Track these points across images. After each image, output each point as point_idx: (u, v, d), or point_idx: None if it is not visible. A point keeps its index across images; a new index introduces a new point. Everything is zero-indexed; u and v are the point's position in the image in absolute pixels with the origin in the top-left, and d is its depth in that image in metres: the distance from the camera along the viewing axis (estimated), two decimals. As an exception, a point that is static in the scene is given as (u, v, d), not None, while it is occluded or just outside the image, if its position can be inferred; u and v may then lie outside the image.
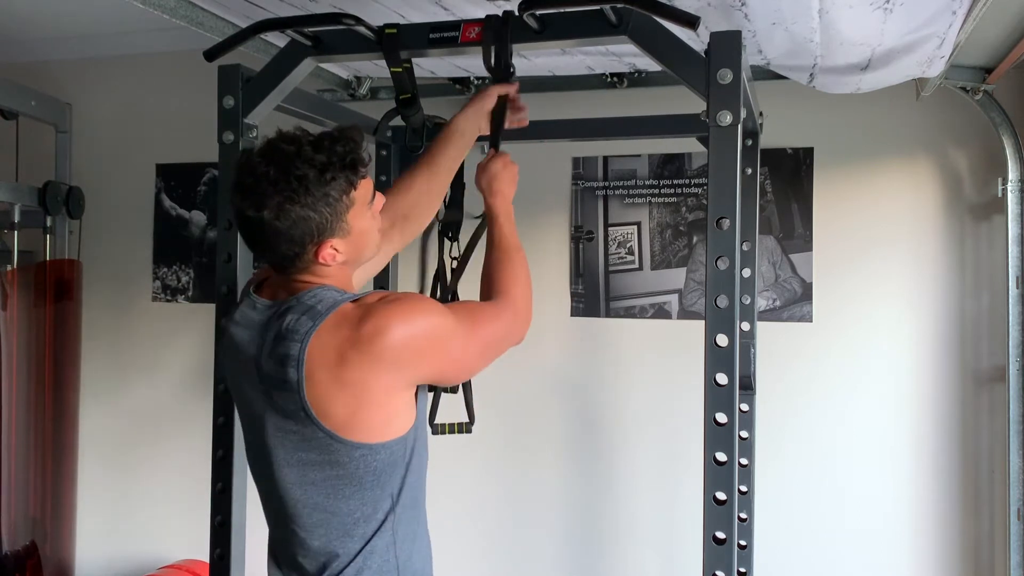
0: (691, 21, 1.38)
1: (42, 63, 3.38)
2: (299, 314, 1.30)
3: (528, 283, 1.58)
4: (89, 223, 3.34)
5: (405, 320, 1.30)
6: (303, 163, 1.29)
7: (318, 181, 1.29)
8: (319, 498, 1.35)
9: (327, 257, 1.35)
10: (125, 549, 3.30)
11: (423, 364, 1.34)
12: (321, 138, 1.33)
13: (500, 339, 1.50)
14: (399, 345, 1.28)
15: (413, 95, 1.77)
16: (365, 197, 1.38)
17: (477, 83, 2.69)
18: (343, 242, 1.36)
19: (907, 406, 2.62)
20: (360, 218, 1.37)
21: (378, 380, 1.29)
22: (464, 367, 1.47)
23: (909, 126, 2.61)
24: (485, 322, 1.47)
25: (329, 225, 1.32)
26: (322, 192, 1.30)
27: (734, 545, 1.45)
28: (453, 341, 1.38)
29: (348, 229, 1.35)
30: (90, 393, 3.36)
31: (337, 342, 1.27)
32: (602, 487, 2.87)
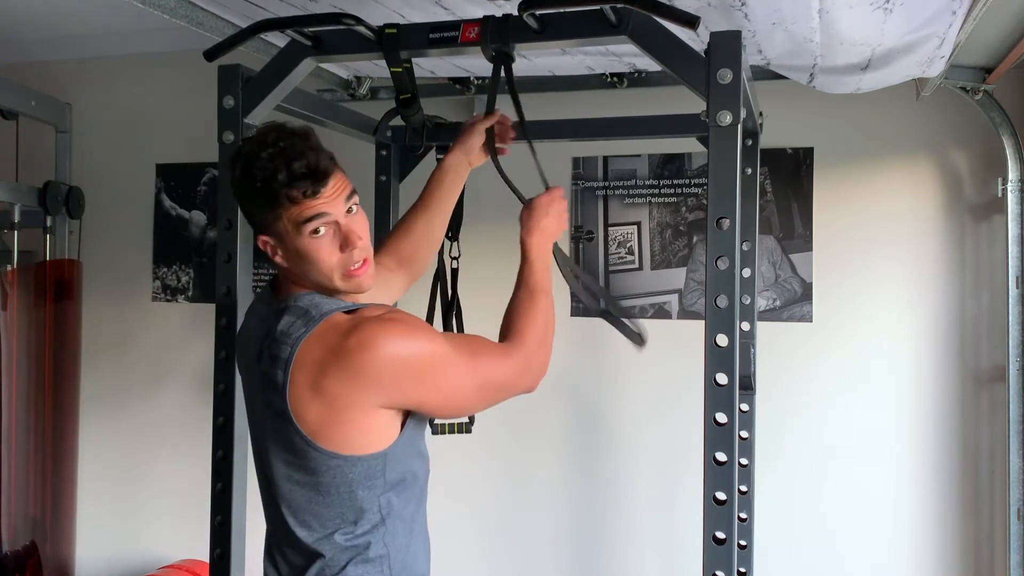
0: (691, 21, 1.38)
1: (42, 63, 3.38)
2: (295, 317, 1.33)
3: (549, 331, 1.53)
4: (89, 223, 3.34)
5: (393, 340, 1.28)
6: (246, 160, 1.33)
7: (248, 183, 1.33)
8: (302, 500, 1.36)
9: (268, 249, 1.38)
10: (125, 549, 3.30)
11: (405, 389, 1.31)
12: (280, 150, 1.31)
13: (504, 383, 1.44)
14: (381, 364, 1.27)
15: (413, 95, 1.77)
16: (297, 219, 1.32)
17: (477, 83, 2.69)
18: (279, 246, 1.37)
19: (907, 406, 2.62)
20: (293, 237, 1.33)
21: (352, 395, 1.28)
22: (456, 402, 1.40)
23: (909, 126, 2.61)
24: (488, 360, 1.42)
25: (257, 219, 1.37)
26: (249, 194, 1.35)
27: (734, 545, 1.45)
28: (444, 372, 1.33)
29: (282, 236, 1.35)
30: (90, 393, 3.36)
31: (322, 350, 1.28)
32: (602, 487, 2.87)
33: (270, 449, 1.38)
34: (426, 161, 2.36)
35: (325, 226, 1.33)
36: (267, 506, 1.45)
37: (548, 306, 1.56)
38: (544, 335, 1.52)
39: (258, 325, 1.40)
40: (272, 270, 1.59)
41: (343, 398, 1.28)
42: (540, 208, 1.64)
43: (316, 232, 1.32)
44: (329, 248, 1.34)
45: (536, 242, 1.62)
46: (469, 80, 2.68)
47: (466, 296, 2.25)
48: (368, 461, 1.33)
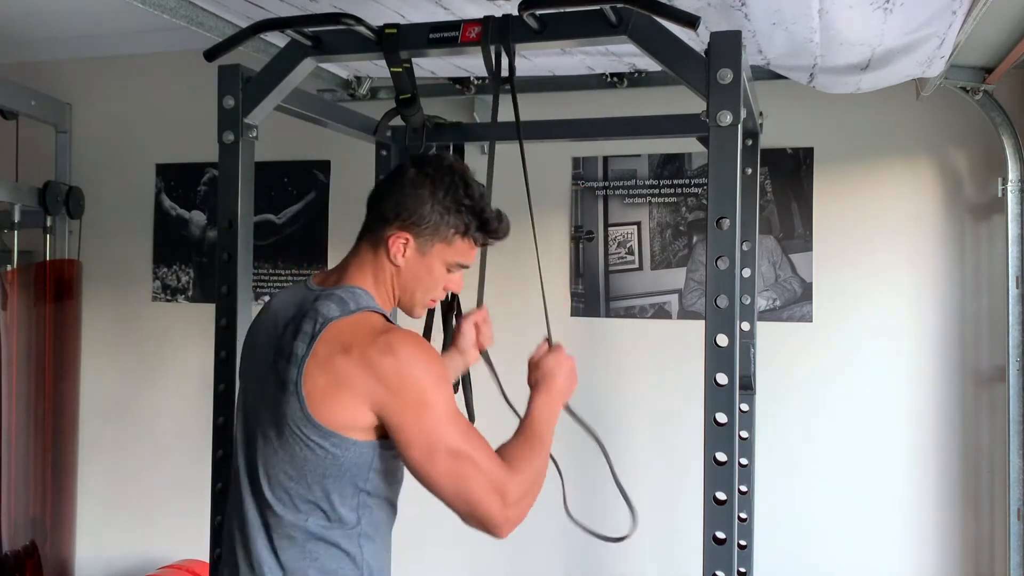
0: (691, 21, 1.38)
1: (42, 63, 3.38)
2: (333, 302, 1.38)
3: (536, 485, 1.44)
4: (89, 223, 3.34)
5: (417, 360, 1.33)
6: (462, 183, 1.46)
7: (456, 198, 1.45)
8: (284, 480, 1.37)
9: (394, 245, 1.44)
10: (125, 549, 3.30)
11: (397, 403, 1.31)
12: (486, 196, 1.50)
13: (472, 491, 1.33)
14: (393, 370, 1.31)
15: (413, 95, 1.77)
16: (457, 256, 1.48)
17: (477, 83, 2.69)
18: (413, 252, 1.45)
19: (907, 406, 2.62)
20: (439, 259, 1.47)
21: (354, 380, 1.32)
22: (427, 452, 1.33)
23: (909, 126, 2.61)
24: (477, 451, 1.34)
25: (421, 225, 1.44)
26: (449, 206, 1.44)
27: (734, 545, 1.45)
28: (436, 416, 1.33)
29: (426, 251, 1.46)
30: (90, 393, 3.36)
31: (351, 334, 1.33)
32: (602, 487, 2.86)
33: (265, 428, 1.39)
34: (426, 161, 2.36)
35: (457, 274, 1.53)
36: (240, 478, 1.44)
37: (544, 463, 1.50)
38: (531, 486, 1.42)
39: (289, 307, 1.44)
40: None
41: (345, 379, 1.32)
42: (551, 370, 1.62)
43: (451, 271, 1.50)
44: (442, 283, 1.51)
45: (545, 399, 1.60)
46: (469, 80, 2.68)
47: (466, 297, 2.25)
48: (359, 448, 1.35)
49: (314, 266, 3.12)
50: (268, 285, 3.16)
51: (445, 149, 2.33)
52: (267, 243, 3.15)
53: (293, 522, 1.37)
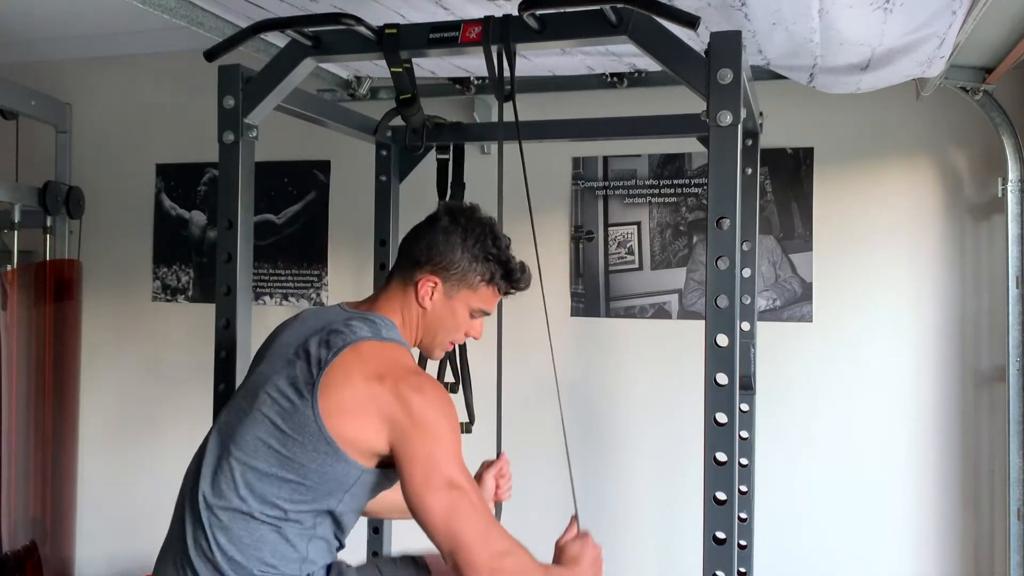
0: (691, 21, 1.38)
1: (42, 63, 3.38)
2: (366, 325, 1.45)
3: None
4: (89, 223, 3.34)
5: (439, 406, 1.39)
6: (491, 235, 1.56)
7: (485, 248, 1.54)
8: (264, 465, 1.38)
9: (423, 288, 1.53)
10: (125, 549, 3.30)
11: (410, 436, 1.35)
12: (510, 248, 1.59)
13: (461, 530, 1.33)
14: (418, 407, 1.36)
15: (413, 95, 1.77)
16: (484, 305, 1.58)
17: (477, 83, 2.69)
18: (440, 296, 1.54)
19: (907, 406, 2.62)
20: (463, 305, 1.56)
21: (377, 405, 1.36)
22: (423, 479, 1.35)
23: (909, 126, 2.61)
24: (474, 502, 1.36)
25: (450, 271, 1.53)
26: (478, 254, 1.54)
27: (734, 545, 1.45)
28: (442, 452, 1.36)
29: (452, 295, 1.55)
30: (90, 393, 3.36)
31: (384, 360, 1.41)
32: (602, 487, 2.87)
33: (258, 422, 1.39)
34: (426, 161, 2.36)
35: (479, 320, 1.61)
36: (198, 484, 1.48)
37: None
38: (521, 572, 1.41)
39: (319, 319, 1.50)
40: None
41: (372, 404, 1.37)
42: (575, 558, 1.62)
43: (474, 316, 1.58)
44: (465, 328, 1.60)
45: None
46: (469, 80, 2.68)
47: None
48: (349, 467, 1.38)
49: (314, 266, 3.12)
50: (268, 285, 3.16)
51: (444, 149, 2.33)
52: (267, 243, 3.15)
53: (245, 512, 1.38)
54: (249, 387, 1.49)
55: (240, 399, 1.49)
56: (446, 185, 2.30)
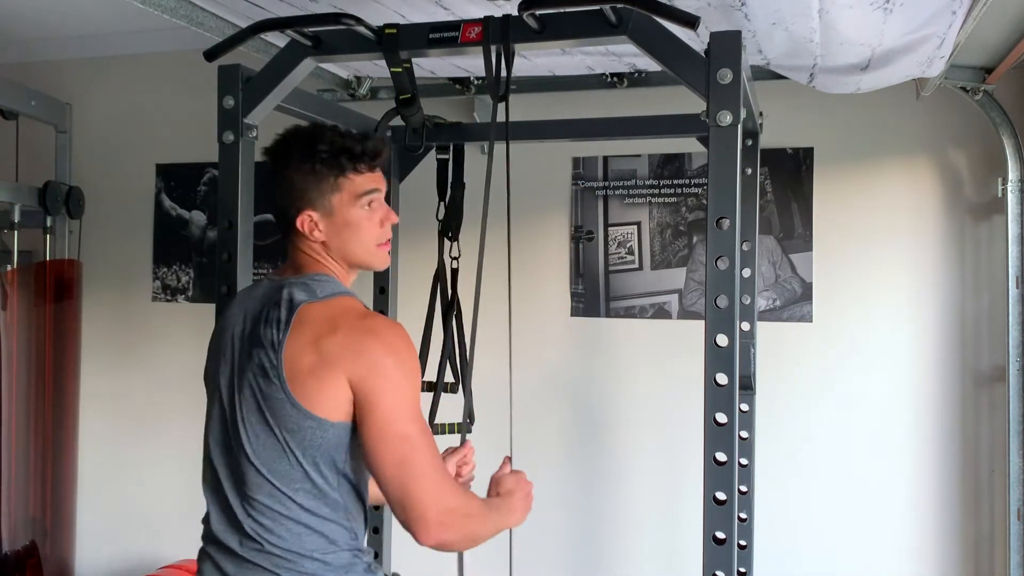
0: (691, 21, 1.38)
1: (42, 63, 3.38)
2: (300, 290, 1.41)
3: (475, 524, 1.43)
4: (89, 223, 3.34)
5: (396, 343, 1.38)
6: (307, 139, 1.45)
7: (309, 154, 1.44)
8: (265, 460, 1.38)
9: (305, 225, 1.46)
10: (125, 549, 3.30)
11: (374, 377, 1.34)
12: (344, 132, 1.48)
13: (411, 479, 1.33)
14: (376, 348, 1.35)
15: (413, 95, 1.77)
16: (356, 190, 1.46)
17: (477, 83, 2.69)
18: (323, 220, 1.46)
19: (907, 406, 2.62)
20: (346, 207, 1.46)
21: (342, 359, 1.35)
22: (378, 431, 1.35)
23: (909, 126, 2.61)
24: (434, 449, 1.37)
25: (307, 195, 1.45)
26: (309, 164, 1.44)
27: (734, 545, 1.45)
28: (402, 397, 1.36)
29: (330, 209, 1.45)
30: (90, 393, 3.36)
31: (331, 317, 1.37)
32: (602, 487, 2.87)
33: (245, 417, 1.40)
34: (426, 161, 2.36)
35: (376, 201, 1.49)
36: (218, 477, 1.45)
37: (484, 526, 1.47)
38: (470, 519, 1.42)
39: (254, 301, 1.46)
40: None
41: (331, 358, 1.35)
42: (510, 490, 1.60)
43: (368, 204, 1.48)
44: (373, 221, 1.49)
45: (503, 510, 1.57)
46: (469, 80, 2.68)
47: (466, 296, 2.25)
48: (337, 429, 1.37)
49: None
50: (268, 285, 3.16)
51: (444, 149, 2.33)
52: (267, 243, 3.14)
53: (280, 506, 1.38)
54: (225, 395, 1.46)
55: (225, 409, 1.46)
56: (446, 185, 2.30)
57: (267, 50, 2.10)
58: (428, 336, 2.28)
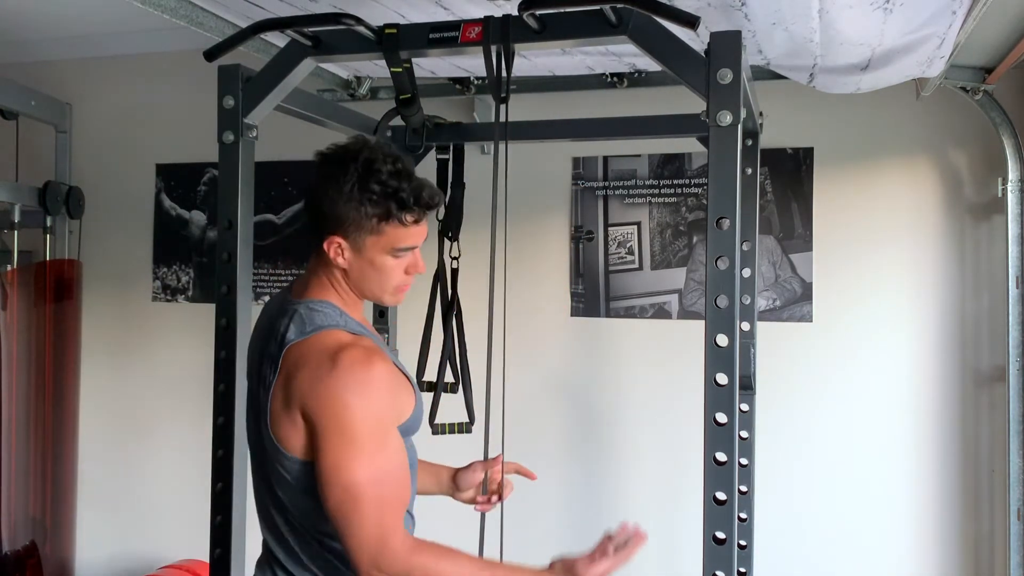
0: (691, 21, 1.37)
1: (42, 63, 3.38)
2: (294, 323, 1.40)
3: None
4: (89, 223, 3.34)
5: (352, 386, 1.32)
6: (365, 169, 1.38)
7: (363, 188, 1.37)
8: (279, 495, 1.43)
9: (331, 250, 1.42)
10: (125, 549, 3.30)
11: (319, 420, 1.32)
12: (404, 171, 1.41)
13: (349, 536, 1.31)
14: (328, 389, 1.32)
15: (413, 95, 1.77)
16: (392, 242, 1.41)
17: (477, 83, 2.69)
18: (350, 252, 1.42)
19: (907, 406, 2.62)
20: (376, 251, 1.42)
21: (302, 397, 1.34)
22: (323, 479, 1.32)
23: (909, 126, 2.61)
24: (388, 498, 1.33)
25: (344, 225, 1.40)
26: (359, 198, 1.38)
27: (734, 545, 1.45)
28: (343, 451, 1.31)
29: (360, 247, 1.41)
30: (90, 393, 3.36)
31: (306, 356, 1.36)
32: (602, 486, 2.87)
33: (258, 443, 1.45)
34: (426, 161, 2.36)
35: (409, 255, 1.45)
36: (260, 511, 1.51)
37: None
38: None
39: (266, 326, 1.48)
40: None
41: (292, 399, 1.35)
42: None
43: (398, 256, 1.43)
44: (399, 269, 1.45)
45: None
46: (469, 80, 2.68)
47: (466, 296, 2.25)
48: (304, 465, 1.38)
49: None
50: (268, 285, 3.16)
51: (444, 149, 2.33)
52: (267, 243, 3.15)
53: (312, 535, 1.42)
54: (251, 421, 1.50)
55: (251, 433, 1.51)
56: (446, 185, 2.30)
57: (267, 50, 2.09)
58: (428, 336, 2.28)
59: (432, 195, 1.42)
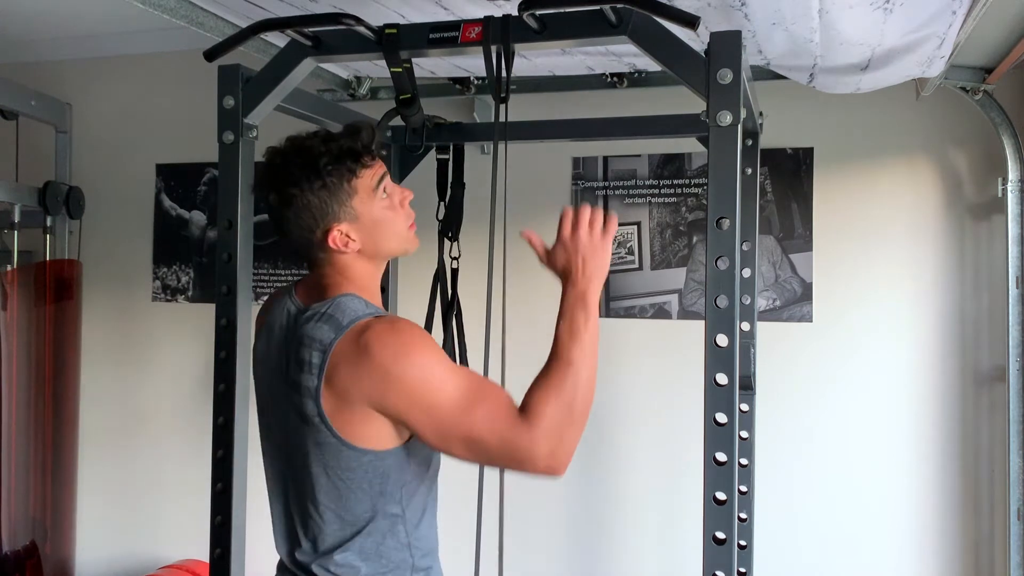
0: (691, 21, 1.38)
1: (42, 63, 3.38)
2: (323, 324, 1.37)
3: (573, 414, 1.34)
4: (89, 223, 3.34)
5: (391, 348, 1.31)
6: (304, 156, 1.40)
7: (315, 168, 1.39)
8: (327, 497, 1.41)
9: (337, 241, 1.42)
10: (125, 549, 3.30)
11: (390, 398, 1.32)
12: (330, 134, 1.43)
13: (497, 448, 1.31)
14: (374, 367, 1.31)
15: (413, 95, 1.77)
16: (368, 185, 1.43)
17: (477, 83, 2.69)
18: (353, 227, 1.43)
19: (907, 406, 2.62)
20: (367, 205, 1.43)
21: (353, 391, 1.33)
22: (443, 438, 1.33)
23: (909, 126, 2.61)
24: (490, 415, 1.31)
25: (330, 209, 1.41)
26: (319, 180, 1.39)
27: (734, 545, 1.45)
28: (433, 397, 1.31)
29: (355, 215, 1.42)
30: (90, 393, 3.36)
31: (341, 351, 1.34)
32: (602, 486, 2.87)
33: (300, 450, 1.41)
34: (426, 161, 2.36)
35: (389, 186, 1.46)
36: (285, 497, 1.48)
37: (585, 381, 1.36)
38: (565, 416, 1.33)
39: (281, 329, 1.46)
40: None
41: (345, 394, 1.34)
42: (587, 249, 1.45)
43: (384, 193, 1.45)
44: (396, 206, 1.48)
45: (580, 292, 1.43)
46: (469, 80, 2.68)
47: (466, 296, 2.26)
48: (393, 454, 1.38)
49: (314, 266, 3.11)
50: (268, 285, 3.16)
51: (444, 149, 2.33)
52: (267, 243, 3.15)
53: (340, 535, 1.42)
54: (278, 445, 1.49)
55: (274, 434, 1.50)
56: (446, 185, 2.30)
57: (267, 50, 2.09)
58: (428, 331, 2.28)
59: (368, 132, 1.44)
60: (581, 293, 1.43)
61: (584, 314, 1.40)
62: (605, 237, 1.46)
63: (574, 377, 1.36)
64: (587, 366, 1.37)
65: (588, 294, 1.42)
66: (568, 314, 1.42)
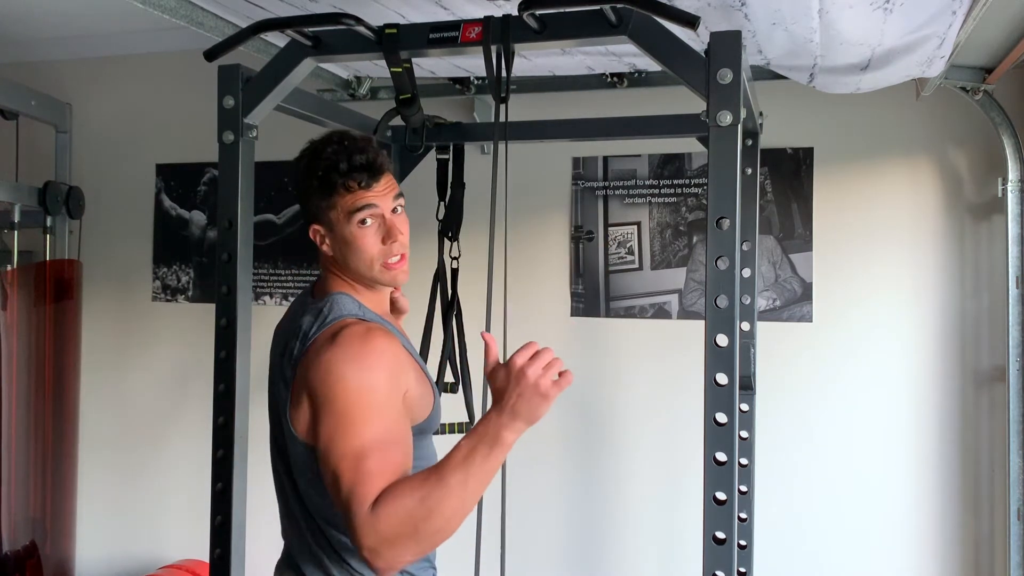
0: (691, 21, 1.37)
1: (42, 63, 3.38)
2: (311, 316, 1.44)
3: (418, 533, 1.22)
4: (89, 223, 3.34)
5: (347, 361, 1.33)
6: (312, 153, 1.49)
7: (311, 169, 1.48)
8: (307, 496, 1.46)
9: (316, 238, 1.51)
10: (125, 549, 3.30)
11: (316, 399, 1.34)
12: (346, 146, 1.46)
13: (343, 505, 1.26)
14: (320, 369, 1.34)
15: (413, 95, 1.77)
16: (347, 208, 1.46)
17: (477, 83, 2.69)
18: (328, 235, 1.50)
19: (907, 406, 2.62)
20: (341, 224, 1.47)
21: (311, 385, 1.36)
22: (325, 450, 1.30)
23: (909, 126, 2.61)
24: (364, 476, 1.24)
25: (311, 210, 1.50)
26: (309, 181, 1.48)
27: (734, 545, 1.45)
28: (336, 426, 1.29)
29: (331, 225, 1.48)
30: (90, 393, 3.36)
31: (321, 344, 1.39)
32: (601, 486, 2.87)
33: (282, 449, 1.48)
34: (426, 161, 2.36)
35: (372, 218, 1.46)
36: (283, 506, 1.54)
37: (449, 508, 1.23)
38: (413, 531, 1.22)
39: (288, 326, 1.52)
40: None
41: (301, 379, 1.39)
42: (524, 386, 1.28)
43: (363, 223, 1.46)
44: (373, 239, 1.47)
45: (512, 428, 1.29)
46: (469, 80, 2.68)
47: (466, 296, 2.26)
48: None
49: (314, 266, 3.11)
50: (268, 285, 3.16)
51: (444, 149, 2.33)
52: (267, 243, 3.15)
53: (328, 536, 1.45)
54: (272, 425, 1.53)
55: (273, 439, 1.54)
56: (446, 185, 2.30)
57: (267, 50, 2.09)
58: (428, 336, 2.28)
59: (369, 158, 1.45)
60: (498, 428, 1.28)
61: (488, 450, 1.26)
62: (554, 387, 1.29)
63: (439, 500, 1.22)
64: (459, 497, 1.23)
65: (504, 432, 1.27)
66: (475, 439, 1.28)
